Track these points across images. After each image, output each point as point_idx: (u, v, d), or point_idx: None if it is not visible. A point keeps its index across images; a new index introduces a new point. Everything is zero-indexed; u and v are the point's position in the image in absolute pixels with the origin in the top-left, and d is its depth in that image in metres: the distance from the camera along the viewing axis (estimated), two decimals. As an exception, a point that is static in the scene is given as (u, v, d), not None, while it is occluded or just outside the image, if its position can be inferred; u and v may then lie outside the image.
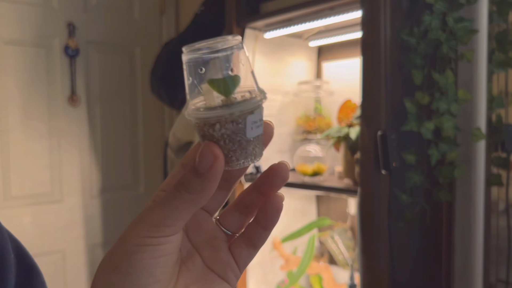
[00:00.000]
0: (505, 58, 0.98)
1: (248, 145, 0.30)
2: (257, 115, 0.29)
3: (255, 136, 0.30)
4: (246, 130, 0.29)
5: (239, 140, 0.29)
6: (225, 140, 0.29)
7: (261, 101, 0.30)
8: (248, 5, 1.28)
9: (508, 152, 1.00)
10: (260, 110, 0.30)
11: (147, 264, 0.28)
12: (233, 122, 0.29)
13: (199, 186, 0.28)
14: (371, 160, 0.93)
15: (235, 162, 0.30)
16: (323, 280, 1.38)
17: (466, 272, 1.01)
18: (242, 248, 0.33)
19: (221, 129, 0.29)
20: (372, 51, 0.92)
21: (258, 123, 0.30)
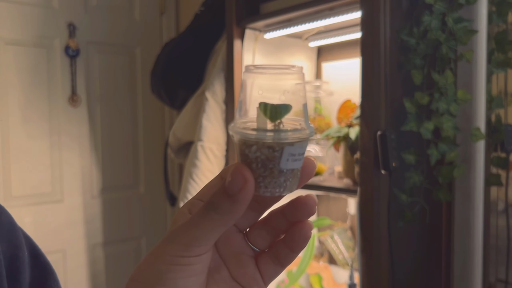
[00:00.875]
0: (504, 58, 0.98)
1: (280, 175, 0.29)
2: (297, 149, 0.29)
3: (289, 168, 0.29)
4: (281, 160, 0.28)
5: (271, 167, 0.29)
6: (258, 164, 0.29)
7: (305, 136, 0.29)
8: (248, 6, 1.28)
9: (507, 152, 1.00)
10: (302, 144, 0.29)
11: (178, 283, 0.29)
12: (270, 148, 0.28)
13: (228, 208, 0.28)
14: (370, 160, 0.94)
15: (262, 189, 0.29)
16: (322, 280, 1.38)
17: (465, 271, 1.01)
18: (268, 264, 0.33)
19: (256, 152, 0.28)
20: (372, 51, 0.92)
21: (297, 157, 0.29)
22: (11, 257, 0.40)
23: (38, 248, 0.44)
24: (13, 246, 0.41)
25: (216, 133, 1.36)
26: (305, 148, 0.29)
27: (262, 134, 0.28)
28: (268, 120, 0.29)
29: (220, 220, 0.29)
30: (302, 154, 0.29)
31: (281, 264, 0.33)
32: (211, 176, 1.38)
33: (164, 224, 2.11)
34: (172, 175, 2.04)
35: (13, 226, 0.42)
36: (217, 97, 1.35)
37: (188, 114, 1.47)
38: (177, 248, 0.29)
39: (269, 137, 0.28)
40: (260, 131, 0.29)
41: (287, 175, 0.29)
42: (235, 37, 1.28)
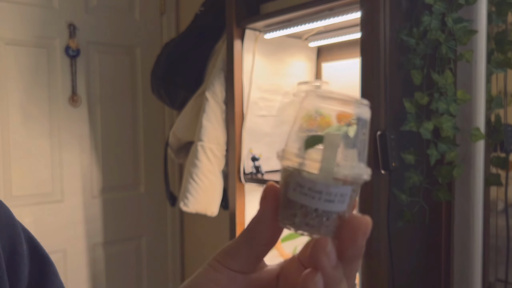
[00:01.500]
0: (504, 58, 0.98)
1: (288, 206, 0.27)
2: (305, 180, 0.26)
3: (297, 201, 0.26)
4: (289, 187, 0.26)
5: (283, 193, 0.27)
6: (281, 188, 0.28)
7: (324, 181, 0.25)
8: (248, 6, 1.28)
9: (507, 152, 1.00)
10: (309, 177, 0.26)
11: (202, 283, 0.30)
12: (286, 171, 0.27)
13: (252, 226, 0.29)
14: (370, 160, 0.94)
15: (279, 217, 0.28)
16: (323, 280, 1.38)
17: (465, 271, 1.02)
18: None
19: (281, 173, 0.28)
20: (372, 51, 0.92)
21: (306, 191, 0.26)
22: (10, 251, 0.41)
23: (36, 242, 0.44)
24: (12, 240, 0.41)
25: (216, 133, 1.36)
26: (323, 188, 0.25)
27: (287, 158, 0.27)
28: None
29: (248, 238, 0.29)
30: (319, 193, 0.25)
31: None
32: (211, 176, 1.38)
33: (164, 224, 2.11)
34: (172, 175, 2.04)
35: (11, 220, 0.42)
36: (217, 97, 1.35)
37: (188, 114, 1.48)
38: (219, 253, 0.30)
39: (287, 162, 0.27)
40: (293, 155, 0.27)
41: (296, 210, 0.26)
42: (235, 37, 1.28)
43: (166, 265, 2.13)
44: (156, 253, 2.08)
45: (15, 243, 0.41)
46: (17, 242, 0.41)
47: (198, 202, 1.38)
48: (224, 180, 1.42)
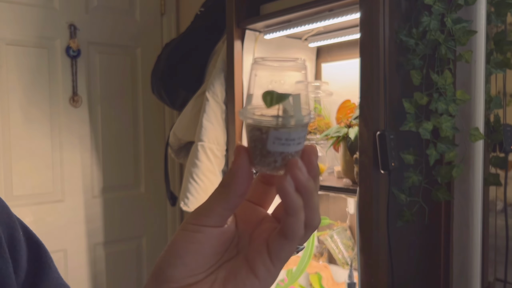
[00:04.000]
0: (503, 58, 0.98)
1: (268, 156, 0.32)
2: (283, 134, 0.31)
3: (277, 151, 0.31)
4: (267, 142, 0.31)
5: (260, 148, 0.32)
6: (252, 144, 0.32)
7: (287, 124, 0.31)
8: (248, 7, 1.29)
9: (506, 152, 1.01)
10: (288, 131, 0.31)
11: (180, 246, 0.33)
12: (259, 130, 0.32)
13: (228, 180, 0.32)
14: (370, 160, 0.94)
15: (257, 166, 0.33)
16: (322, 279, 1.38)
17: (464, 271, 1.02)
18: (275, 238, 0.32)
19: (251, 133, 0.32)
20: (371, 52, 0.93)
21: (284, 141, 0.31)
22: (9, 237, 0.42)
23: (30, 230, 0.45)
24: (10, 227, 0.42)
25: (217, 133, 1.37)
26: (296, 135, 0.32)
27: (254, 118, 0.32)
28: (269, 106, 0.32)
29: (222, 193, 0.32)
30: (292, 140, 0.31)
31: (284, 235, 0.32)
32: (211, 176, 1.38)
33: (164, 223, 2.12)
34: (173, 175, 2.04)
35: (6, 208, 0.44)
36: (218, 97, 1.36)
37: (189, 114, 1.48)
38: (191, 216, 0.33)
39: (257, 121, 0.32)
40: (255, 115, 0.32)
41: (276, 157, 0.32)
42: (235, 37, 1.28)
43: (166, 265, 2.13)
44: (156, 253, 2.09)
45: (12, 229, 0.43)
46: (14, 228, 0.43)
47: (199, 202, 1.38)
48: (224, 180, 1.43)
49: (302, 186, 0.31)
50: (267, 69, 0.33)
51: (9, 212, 0.44)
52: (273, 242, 0.32)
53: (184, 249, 0.32)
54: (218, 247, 0.34)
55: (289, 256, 0.33)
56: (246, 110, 0.33)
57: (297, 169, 0.31)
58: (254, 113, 0.32)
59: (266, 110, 0.32)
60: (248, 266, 0.33)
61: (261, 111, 0.32)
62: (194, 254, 0.32)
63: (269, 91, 0.31)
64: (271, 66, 0.33)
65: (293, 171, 0.31)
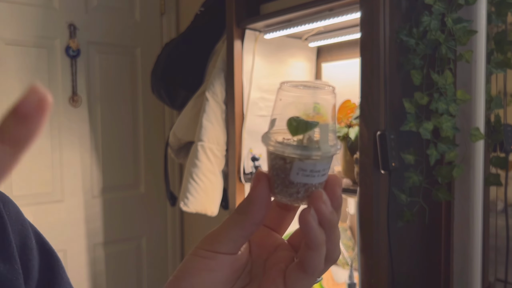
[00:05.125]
0: (503, 58, 0.98)
1: (290, 186, 0.31)
2: (308, 166, 0.30)
3: (300, 182, 0.30)
4: (290, 172, 0.30)
5: (283, 177, 0.31)
6: (273, 172, 0.31)
7: (313, 156, 0.30)
8: (248, 6, 1.29)
9: (506, 152, 1.00)
10: (313, 163, 0.30)
11: (191, 273, 0.31)
12: (283, 159, 0.30)
13: (245, 207, 0.31)
14: (370, 160, 0.94)
15: (277, 195, 0.32)
16: (322, 279, 1.38)
17: (464, 271, 1.02)
18: (293, 270, 0.31)
19: (273, 160, 0.31)
20: (371, 51, 0.93)
21: (309, 173, 0.30)
22: (21, 245, 0.42)
23: (43, 237, 0.45)
24: (22, 235, 0.42)
25: (216, 133, 1.36)
26: (321, 166, 0.30)
27: (278, 146, 0.30)
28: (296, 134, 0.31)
29: (239, 220, 0.31)
30: (318, 171, 0.30)
31: (304, 269, 0.30)
32: (211, 176, 1.38)
33: (164, 223, 2.11)
34: (173, 175, 2.04)
35: (20, 215, 0.43)
36: (217, 97, 1.36)
37: (189, 114, 1.48)
38: (203, 241, 0.32)
39: (280, 149, 0.30)
40: (281, 143, 0.30)
41: (299, 188, 0.31)
42: (235, 37, 1.28)
43: (166, 265, 2.13)
44: (156, 253, 2.09)
45: (25, 238, 0.42)
46: (27, 237, 0.42)
47: (198, 202, 1.38)
48: (224, 180, 1.43)
49: (325, 220, 0.30)
50: (294, 94, 0.31)
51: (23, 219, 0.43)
52: (291, 275, 0.31)
53: (195, 276, 0.31)
54: (231, 274, 0.32)
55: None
56: (269, 136, 0.31)
57: (321, 202, 0.30)
58: (277, 139, 0.31)
59: (289, 136, 0.31)
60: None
61: (283, 136, 0.31)
62: (205, 281, 0.31)
63: (295, 118, 0.30)
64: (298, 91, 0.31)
65: (317, 205, 0.29)
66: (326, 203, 0.30)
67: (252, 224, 0.31)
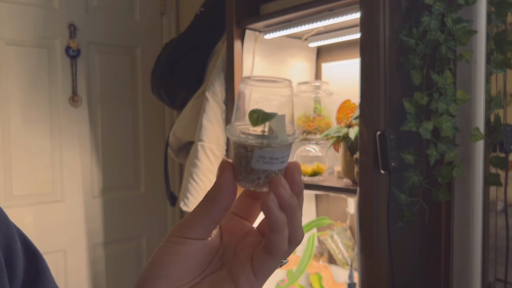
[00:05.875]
0: (503, 58, 0.98)
1: (252, 173, 0.33)
2: (267, 153, 0.32)
3: (261, 169, 0.32)
4: (251, 160, 0.32)
5: (245, 164, 0.33)
6: (237, 160, 0.33)
7: (271, 144, 0.32)
8: (248, 6, 1.29)
9: (506, 152, 1.00)
10: (272, 150, 0.32)
11: (163, 258, 0.33)
12: (244, 148, 0.33)
13: (212, 194, 0.33)
14: (370, 160, 0.94)
15: (241, 182, 0.34)
16: (322, 279, 1.38)
17: (464, 271, 1.02)
18: (259, 253, 0.33)
19: (236, 149, 0.33)
20: (371, 51, 0.93)
21: (268, 160, 0.32)
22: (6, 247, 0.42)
23: (28, 239, 0.46)
24: (7, 236, 0.43)
25: (216, 133, 1.36)
26: (280, 154, 0.32)
27: (240, 136, 0.33)
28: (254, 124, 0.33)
29: (207, 206, 0.33)
30: (276, 158, 0.32)
31: (268, 251, 0.32)
32: (211, 176, 1.38)
33: (164, 223, 2.11)
34: (173, 175, 2.04)
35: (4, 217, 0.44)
36: (217, 97, 1.36)
37: (189, 114, 1.48)
38: (175, 228, 0.34)
39: (243, 139, 0.32)
40: (240, 133, 0.33)
41: (260, 174, 0.33)
42: (235, 37, 1.28)
43: (166, 265, 2.13)
44: (156, 253, 2.09)
45: (10, 240, 0.43)
46: (12, 238, 0.43)
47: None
48: (224, 180, 1.42)
49: (285, 203, 0.31)
50: (255, 87, 0.34)
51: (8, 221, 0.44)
52: (257, 257, 0.33)
53: (168, 261, 0.33)
54: (202, 259, 0.34)
55: (273, 271, 0.34)
56: (233, 127, 0.33)
57: (280, 187, 0.31)
58: (241, 131, 0.33)
59: (252, 128, 0.33)
60: (231, 279, 0.33)
61: (247, 128, 0.33)
62: (177, 266, 0.33)
63: (255, 110, 0.32)
64: (259, 85, 0.34)
65: (276, 189, 0.31)
66: (285, 187, 0.32)
67: (219, 210, 0.33)
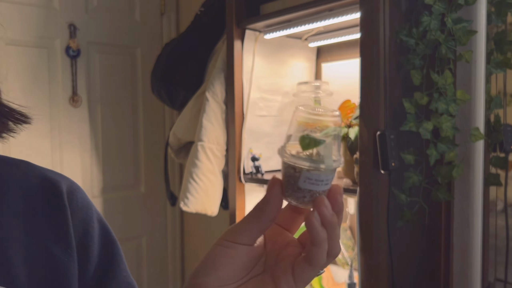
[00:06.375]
0: (503, 58, 0.98)
1: (298, 191, 0.37)
2: (313, 175, 0.36)
3: (306, 188, 0.36)
4: (299, 180, 0.36)
5: (292, 183, 0.37)
6: (286, 178, 0.37)
7: (318, 167, 0.36)
8: (248, 6, 1.29)
9: (506, 152, 1.00)
10: (318, 173, 0.36)
11: (215, 259, 0.37)
12: (293, 169, 0.36)
13: (261, 206, 0.37)
14: (370, 160, 0.94)
15: (288, 198, 0.38)
16: (322, 279, 1.38)
17: (464, 271, 1.02)
18: (300, 263, 0.37)
19: (286, 169, 0.37)
20: (371, 51, 0.93)
21: (314, 181, 0.36)
22: (83, 232, 0.47)
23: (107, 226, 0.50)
24: (85, 222, 0.47)
25: (216, 133, 1.36)
26: (325, 177, 0.36)
27: (290, 157, 0.37)
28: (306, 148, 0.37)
29: (257, 216, 0.37)
30: (322, 181, 0.36)
31: (308, 261, 0.36)
32: (211, 176, 1.38)
33: (164, 223, 2.12)
34: (173, 175, 2.04)
35: (87, 203, 0.49)
36: (217, 97, 1.36)
37: (189, 114, 1.48)
38: (226, 233, 0.38)
39: (292, 161, 0.36)
40: (294, 155, 0.37)
41: (305, 193, 0.37)
42: (235, 37, 1.28)
43: (166, 265, 2.13)
44: (156, 253, 2.09)
45: (88, 225, 0.48)
46: (90, 224, 0.48)
47: (198, 202, 1.38)
48: (224, 180, 1.43)
49: (327, 221, 0.36)
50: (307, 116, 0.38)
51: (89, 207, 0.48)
52: (298, 266, 0.37)
53: (218, 262, 0.37)
54: (248, 262, 0.38)
55: (311, 279, 0.37)
56: (284, 149, 0.38)
57: (323, 206, 0.36)
58: (291, 152, 0.37)
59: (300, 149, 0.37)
60: (274, 283, 0.37)
61: (296, 150, 0.37)
62: (226, 266, 0.37)
63: (306, 136, 0.37)
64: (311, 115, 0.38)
65: (320, 208, 0.35)
66: (328, 207, 0.36)
67: (266, 220, 0.37)
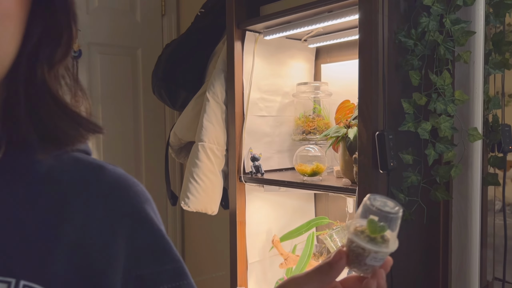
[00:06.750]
0: (501, 59, 0.99)
1: (364, 266, 0.49)
2: (379, 256, 0.48)
3: (371, 264, 0.49)
4: (366, 259, 0.48)
5: (360, 260, 0.49)
6: (353, 254, 0.49)
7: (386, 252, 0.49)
8: (248, 8, 1.29)
9: (504, 152, 1.01)
10: (382, 255, 0.49)
11: None
12: (363, 249, 0.48)
13: (327, 270, 0.50)
14: (369, 159, 0.95)
15: (352, 268, 0.50)
16: None
17: (463, 270, 1.02)
18: None
19: (353, 246, 0.49)
20: (370, 52, 0.93)
21: (378, 260, 0.49)
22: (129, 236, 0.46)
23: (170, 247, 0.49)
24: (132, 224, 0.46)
25: (217, 133, 1.37)
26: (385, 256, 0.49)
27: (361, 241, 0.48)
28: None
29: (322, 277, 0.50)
30: (382, 259, 0.49)
31: None
32: (211, 176, 1.39)
33: (164, 223, 2.12)
34: (173, 175, 2.05)
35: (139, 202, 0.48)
36: (218, 97, 1.36)
37: (189, 114, 1.49)
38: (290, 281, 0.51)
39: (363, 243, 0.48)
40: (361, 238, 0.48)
41: (369, 267, 0.49)
42: (235, 38, 1.29)
43: (166, 265, 2.14)
44: (157, 253, 2.09)
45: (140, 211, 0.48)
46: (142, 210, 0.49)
47: (199, 202, 1.39)
48: (224, 180, 1.43)
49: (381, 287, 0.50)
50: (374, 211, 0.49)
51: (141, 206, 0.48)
52: None
53: None
54: None
55: None
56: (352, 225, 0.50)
57: (381, 278, 0.50)
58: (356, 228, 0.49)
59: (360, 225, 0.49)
60: None
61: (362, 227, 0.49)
62: None
63: (374, 221, 0.49)
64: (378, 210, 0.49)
65: (379, 280, 0.49)
66: (384, 278, 0.50)
67: (328, 282, 0.49)
